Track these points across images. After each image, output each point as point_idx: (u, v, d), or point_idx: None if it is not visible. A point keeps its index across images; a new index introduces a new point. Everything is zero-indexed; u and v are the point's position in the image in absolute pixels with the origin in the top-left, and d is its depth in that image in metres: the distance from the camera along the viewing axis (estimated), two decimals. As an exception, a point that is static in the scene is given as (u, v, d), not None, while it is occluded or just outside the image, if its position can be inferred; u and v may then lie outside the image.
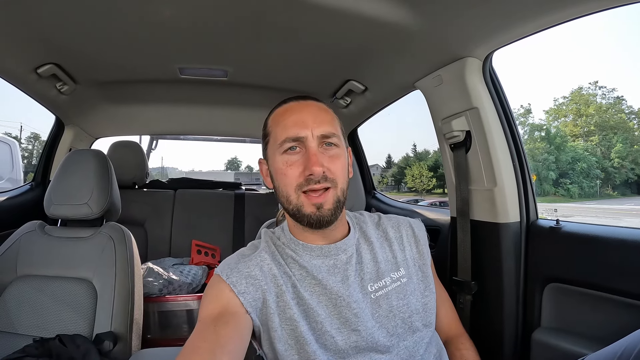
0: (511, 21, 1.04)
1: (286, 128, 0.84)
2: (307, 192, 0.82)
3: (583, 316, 1.14)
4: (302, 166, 0.82)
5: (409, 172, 45.57)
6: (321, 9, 1.10)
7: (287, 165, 0.83)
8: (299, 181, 0.82)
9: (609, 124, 40.15)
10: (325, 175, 0.81)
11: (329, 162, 0.83)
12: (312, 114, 0.85)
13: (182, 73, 1.69)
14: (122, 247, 1.39)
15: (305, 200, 0.82)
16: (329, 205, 0.82)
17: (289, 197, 0.84)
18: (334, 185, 0.83)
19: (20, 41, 1.30)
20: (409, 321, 0.87)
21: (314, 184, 0.81)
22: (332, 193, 0.83)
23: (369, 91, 1.76)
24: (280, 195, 0.87)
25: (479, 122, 1.27)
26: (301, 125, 0.83)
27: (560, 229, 1.19)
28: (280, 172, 0.84)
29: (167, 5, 1.13)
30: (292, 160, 0.83)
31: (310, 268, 0.86)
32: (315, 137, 0.83)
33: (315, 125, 0.83)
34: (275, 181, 0.88)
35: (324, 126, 0.84)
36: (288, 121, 0.85)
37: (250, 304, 0.79)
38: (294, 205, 0.83)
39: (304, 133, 0.82)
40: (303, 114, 0.85)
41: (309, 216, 0.82)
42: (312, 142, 0.82)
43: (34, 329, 1.26)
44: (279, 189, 0.86)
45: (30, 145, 36.29)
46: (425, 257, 0.97)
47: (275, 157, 0.86)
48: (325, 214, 0.82)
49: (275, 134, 0.87)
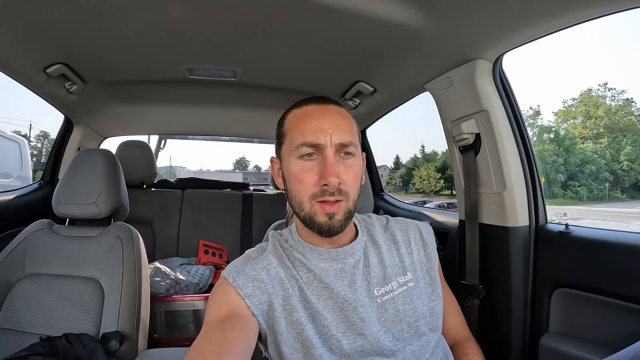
0: (522, 24, 1.03)
1: (304, 133, 0.82)
2: (321, 202, 0.81)
3: (591, 322, 1.12)
4: (317, 175, 0.81)
5: (417, 173, 45.48)
6: (330, 10, 1.10)
7: (303, 172, 0.82)
8: (314, 191, 0.81)
9: (618, 126, 39.79)
10: (339, 188, 0.80)
11: (343, 173, 0.82)
12: (332, 121, 0.84)
13: (191, 73, 1.70)
14: (130, 247, 1.39)
15: (318, 209, 0.81)
16: (339, 216, 0.82)
17: (302, 204, 0.83)
18: (346, 198, 0.82)
19: (29, 41, 1.31)
20: (415, 325, 0.86)
21: (328, 195, 0.80)
22: (344, 205, 0.82)
23: (378, 93, 1.75)
24: (292, 200, 0.86)
25: (489, 125, 1.26)
26: (320, 132, 0.81)
27: (569, 233, 1.18)
28: (295, 178, 0.83)
29: (177, 6, 1.13)
30: (308, 167, 0.82)
31: (317, 271, 0.86)
32: (334, 145, 0.81)
33: (335, 133, 0.82)
34: (288, 184, 0.87)
35: (343, 134, 0.83)
36: (307, 126, 0.83)
37: (256, 307, 0.79)
38: (306, 212, 0.83)
39: (323, 141, 0.81)
40: (323, 120, 0.83)
41: (319, 225, 0.82)
42: (329, 151, 0.81)
43: (41, 328, 1.27)
44: (292, 193, 0.86)
45: (40, 144, 36.59)
46: (432, 260, 0.96)
47: (290, 160, 0.85)
48: (336, 225, 0.81)
49: (292, 136, 0.85)
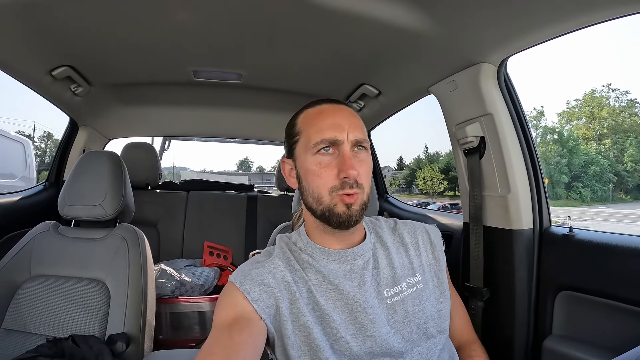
0: (526, 28, 1.03)
1: (322, 130, 0.84)
2: (341, 194, 0.82)
3: (595, 325, 1.12)
4: (336, 168, 0.82)
5: (420, 174, 45.40)
6: (335, 14, 1.11)
7: (322, 167, 0.83)
8: (334, 184, 0.82)
9: (622, 127, 39.67)
10: (357, 180, 0.82)
11: (359, 166, 0.83)
12: (347, 118, 0.86)
13: (196, 76, 1.70)
14: (136, 249, 1.40)
15: (339, 201, 0.82)
16: (356, 206, 0.83)
17: (321, 198, 0.84)
18: (362, 190, 0.84)
19: (35, 44, 1.32)
20: (424, 327, 0.86)
21: (348, 187, 0.81)
22: (360, 197, 0.83)
23: (383, 95, 1.75)
24: (309, 196, 0.86)
25: (493, 128, 1.26)
26: (338, 129, 0.83)
27: (573, 236, 1.18)
28: (313, 173, 0.84)
29: (182, 9, 1.14)
30: (326, 162, 0.83)
31: (326, 273, 0.86)
32: (350, 141, 0.83)
33: (351, 130, 0.84)
34: (304, 182, 0.88)
35: (357, 131, 0.85)
36: (324, 123, 0.85)
37: (263, 310, 0.79)
38: (325, 205, 0.83)
39: (341, 137, 0.83)
40: (338, 117, 0.85)
41: (338, 215, 0.82)
42: (346, 146, 0.83)
43: (47, 329, 1.27)
44: (308, 189, 0.86)
45: (43, 144, 36.71)
46: (440, 263, 0.96)
47: (306, 157, 0.86)
48: (354, 214, 0.82)
49: (308, 134, 0.86)
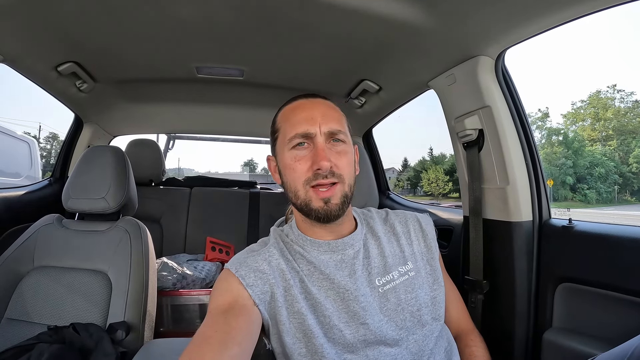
0: (522, 19, 1.04)
1: (295, 125, 0.86)
2: (315, 186, 0.83)
3: (596, 317, 1.12)
4: (310, 161, 0.83)
5: (425, 175, 45.23)
6: (336, 8, 1.12)
7: (296, 161, 0.85)
8: (307, 176, 0.83)
9: (627, 128, 39.37)
10: (332, 170, 0.83)
11: (336, 158, 0.84)
12: (321, 111, 0.87)
13: (199, 72, 1.72)
14: (138, 241, 1.41)
15: (313, 195, 0.83)
16: (336, 199, 0.84)
17: (297, 192, 0.85)
18: (341, 180, 0.84)
19: (41, 40, 1.34)
20: (418, 314, 0.87)
21: (321, 178, 0.82)
22: (340, 188, 0.84)
23: (384, 91, 1.76)
24: (288, 190, 0.88)
25: (492, 121, 1.27)
26: (310, 122, 0.85)
27: (572, 228, 1.18)
28: (288, 167, 0.86)
29: (184, 5, 1.16)
30: (301, 156, 0.85)
31: (317, 263, 0.87)
32: (323, 133, 0.84)
33: (324, 122, 0.85)
34: (283, 177, 0.89)
35: (332, 123, 0.86)
36: (297, 118, 0.86)
37: (258, 296, 0.80)
38: (302, 200, 0.85)
39: (313, 129, 0.84)
40: (312, 111, 0.87)
41: (316, 210, 0.84)
42: (319, 138, 0.84)
43: (49, 319, 1.29)
44: (287, 184, 0.88)
45: (49, 145, 36.92)
46: (433, 250, 0.97)
47: (284, 153, 0.87)
48: (333, 208, 0.83)
49: (284, 130, 0.88)
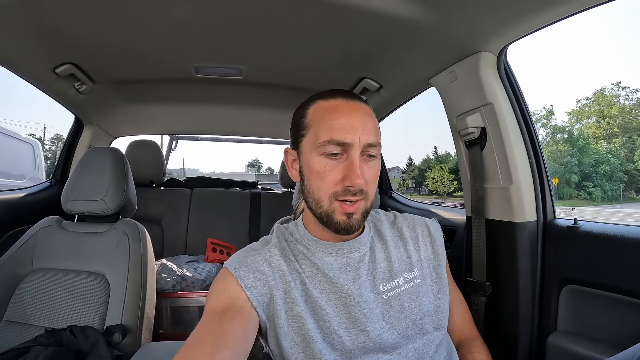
0: (524, 14, 1.01)
1: (332, 130, 0.79)
2: (342, 200, 0.79)
3: (602, 320, 1.10)
4: (341, 174, 0.79)
5: (430, 174, 45.23)
6: (334, 6, 1.10)
7: (326, 170, 0.80)
8: (336, 189, 0.79)
9: (632, 126, 39.20)
10: (361, 188, 0.79)
11: (366, 173, 0.80)
12: (362, 119, 0.81)
13: (197, 72, 1.71)
14: (136, 243, 1.41)
15: (338, 208, 0.80)
16: (358, 215, 0.80)
17: (320, 202, 0.81)
18: (366, 197, 0.81)
19: (38, 41, 1.33)
20: (420, 323, 0.85)
21: (351, 195, 0.78)
22: (363, 204, 0.81)
23: (384, 89, 1.74)
24: (309, 195, 0.84)
25: (494, 118, 1.24)
26: (349, 131, 0.78)
27: (578, 228, 1.15)
28: (315, 174, 0.81)
29: (182, 5, 1.14)
30: (332, 165, 0.79)
31: (321, 265, 0.85)
32: (361, 144, 0.79)
33: (364, 132, 0.79)
34: (306, 180, 0.85)
35: (371, 135, 0.80)
36: (336, 122, 0.80)
37: (256, 298, 0.78)
38: (324, 210, 0.81)
39: (351, 139, 0.78)
40: (352, 117, 0.80)
41: (337, 223, 0.80)
42: (356, 151, 0.79)
43: (48, 321, 1.29)
44: (309, 189, 0.83)
45: (54, 146, 37.20)
46: (440, 258, 0.94)
47: (311, 155, 0.82)
48: (354, 224, 0.80)
49: (316, 130, 0.82)
